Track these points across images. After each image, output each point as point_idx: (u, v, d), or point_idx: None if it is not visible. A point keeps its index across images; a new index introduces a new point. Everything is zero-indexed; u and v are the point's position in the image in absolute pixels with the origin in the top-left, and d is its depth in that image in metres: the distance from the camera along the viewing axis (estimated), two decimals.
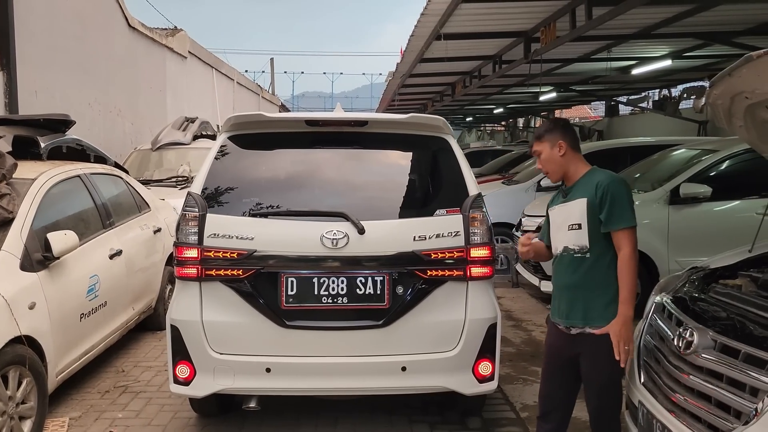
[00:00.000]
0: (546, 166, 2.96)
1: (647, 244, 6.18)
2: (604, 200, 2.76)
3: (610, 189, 2.76)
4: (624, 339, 2.71)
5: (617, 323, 2.73)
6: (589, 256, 2.82)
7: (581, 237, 2.82)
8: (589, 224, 2.80)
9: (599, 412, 2.89)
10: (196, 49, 15.99)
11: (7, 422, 3.43)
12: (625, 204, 2.77)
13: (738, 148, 6.24)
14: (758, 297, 2.65)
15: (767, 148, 3.22)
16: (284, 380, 3.42)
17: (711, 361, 2.39)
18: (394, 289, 3.41)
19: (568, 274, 2.89)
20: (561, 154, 2.91)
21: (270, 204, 3.53)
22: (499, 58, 11.66)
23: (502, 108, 24.57)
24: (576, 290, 2.86)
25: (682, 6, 8.00)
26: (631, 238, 2.77)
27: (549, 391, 3.04)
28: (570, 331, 2.89)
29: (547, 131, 2.96)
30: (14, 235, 3.86)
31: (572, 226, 2.85)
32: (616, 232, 2.77)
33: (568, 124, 3.07)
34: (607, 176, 2.83)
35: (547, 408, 3.04)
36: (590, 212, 2.79)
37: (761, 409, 2.10)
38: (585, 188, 2.84)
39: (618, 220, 2.76)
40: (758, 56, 2.40)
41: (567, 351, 2.92)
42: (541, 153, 2.96)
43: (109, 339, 4.83)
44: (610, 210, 2.75)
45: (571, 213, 2.86)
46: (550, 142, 2.92)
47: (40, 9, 8.28)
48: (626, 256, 2.75)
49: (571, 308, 2.88)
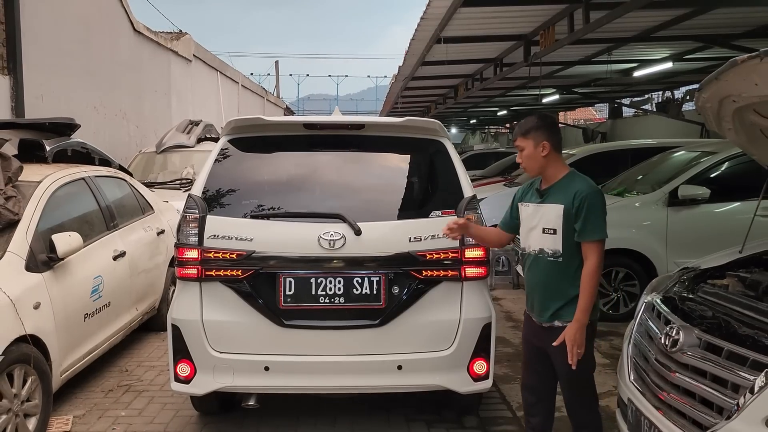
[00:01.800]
0: (526, 162, 3.03)
1: (646, 245, 6.23)
2: (580, 210, 2.85)
3: (588, 200, 2.85)
4: (577, 343, 2.83)
5: (572, 328, 2.84)
6: (561, 260, 2.94)
7: (556, 242, 2.94)
8: (563, 231, 2.91)
9: (573, 402, 3.01)
10: (200, 52, 16.11)
11: (12, 419, 3.51)
12: (600, 216, 2.87)
13: (736, 151, 6.27)
14: (743, 296, 2.71)
15: (756, 150, 3.27)
16: (282, 378, 3.50)
17: (695, 359, 2.45)
18: (390, 289, 3.48)
19: (543, 274, 3.01)
20: (543, 155, 2.97)
21: (269, 206, 3.61)
22: (500, 61, 11.73)
23: (505, 110, 24.61)
24: (548, 290, 2.99)
25: (680, 9, 8.04)
26: (599, 250, 2.87)
27: (529, 383, 3.17)
28: (543, 325, 3.02)
29: (533, 129, 2.99)
30: (20, 237, 3.95)
31: (547, 230, 2.96)
32: (586, 243, 2.87)
33: (555, 125, 3.11)
34: (586, 186, 2.91)
35: (530, 400, 3.17)
36: (566, 220, 2.89)
37: (742, 404, 2.15)
38: (563, 194, 2.92)
39: (591, 232, 2.86)
40: (742, 61, 2.45)
41: (541, 343, 3.06)
42: (524, 149, 3.01)
43: (113, 339, 4.91)
44: (585, 221, 2.85)
45: (548, 217, 2.96)
46: (535, 140, 2.97)
47: (46, 14, 8.39)
48: (592, 266, 2.85)
49: (543, 305, 3.01)
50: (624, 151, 8.89)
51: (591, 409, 3.02)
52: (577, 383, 2.96)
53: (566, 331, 2.85)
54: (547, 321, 2.99)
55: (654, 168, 7.34)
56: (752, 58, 2.35)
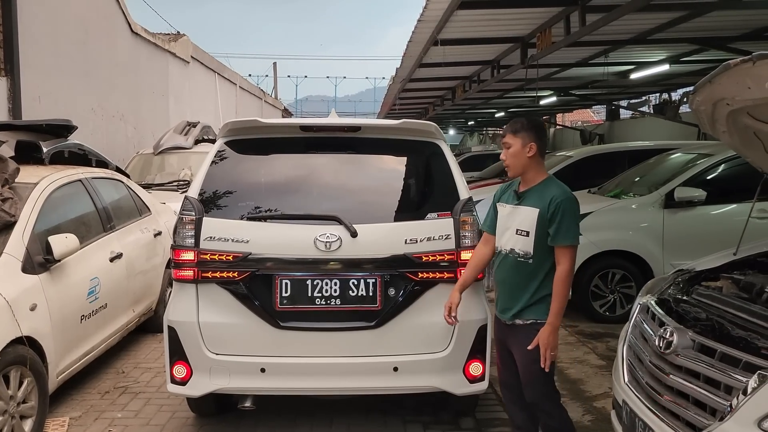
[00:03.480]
0: (511, 160, 3.07)
1: (642, 247, 6.25)
2: (555, 216, 2.92)
3: (562, 206, 2.92)
4: (551, 346, 2.91)
5: (545, 331, 2.92)
6: (532, 262, 3.00)
7: (527, 244, 3.00)
8: (536, 234, 2.97)
9: (533, 399, 3.06)
10: (198, 53, 16.12)
11: (8, 421, 3.51)
12: (573, 222, 2.95)
13: (732, 153, 6.29)
14: (737, 298, 2.72)
15: (750, 153, 3.28)
16: (278, 380, 3.50)
17: (689, 361, 2.46)
18: (386, 291, 3.49)
19: (511, 274, 3.08)
20: (529, 155, 3.02)
21: (265, 208, 3.61)
22: (497, 63, 11.76)
23: (503, 112, 24.65)
24: (515, 289, 3.06)
25: (676, 12, 8.08)
26: (571, 255, 2.95)
27: (504, 379, 3.27)
28: (506, 322, 3.10)
29: (524, 129, 3.04)
30: (16, 238, 3.95)
31: (520, 232, 3.03)
32: (559, 248, 2.94)
33: (544, 130, 3.17)
34: (562, 192, 2.97)
35: (508, 396, 3.27)
36: (540, 224, 2.96)
37: (735, 405, 2.16)
38: (539, 198, 2.99)
39: (564, 237, 2.93)
40: (735, 64, 2.47)
41: (506, 340, 3.15)
42: (511, 147, 3.05)
43: (110, 341, 4.91)
44: (559, 226, 2.92)
45: (522, 219, 3.02)
46: (523, 140, 3.02)
47: (43, 15, 8.39)
48: (564, 271, 2.93)
49: (508, 302, 3.09)
50: (621, 153, 8.91)
51: (550, 407, 3.07)
52: (537, 382, 3.02)
53: (540, 333, 2.92)
54: (509, 319, 3.08)
55: (651, 170, 7.36)
56: (745, 61, 2.37)
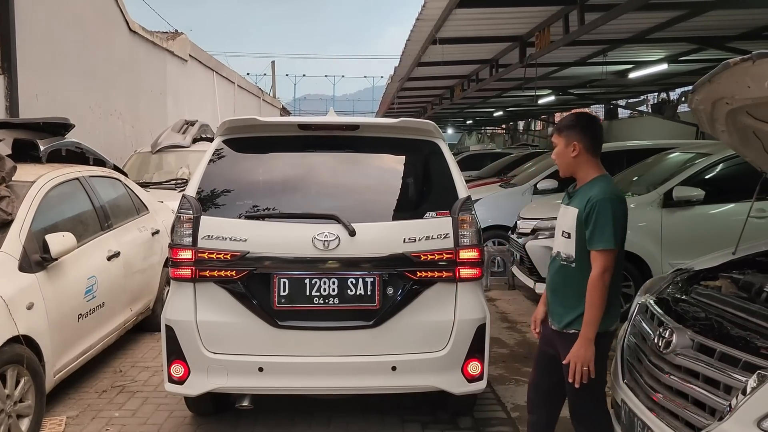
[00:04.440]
0: (557, 160, 2.97)
1: (641, 246, 6.24)
2: (590, 217, 2.76)
3: (597, 207, 2.74)
4: (582, 360, 2.73)
5: (577, 344, 2.75)
6: (574, 266, 2.85)
7: (569, 246, 2.87)
8: (577, 236, 2.83)
9: (575, 408, 2.95)
10: (196, 52, 16.09)
11: (5, 420, 3.50)
12: (606, 225, 2.72)
13: (731, 152, 6.28)
14: (736, 298, 2.72)
15: (749, 152, 3.28)
16: (276, 379, 3.49)
17: (688, 360, 2.46)
18: (384, 290, 3.48)
19: (556, 278, 2.97)
20: (573, 155, 2.87)
21: (263, 206, 3.60)
22: (496, 62, 11.75)
23: (501, 111, 24.65)
24: (558, 293, 2.94)
25: (675, 11, 8.07)
26: (602, 260, 2.73)
27: (536, 381, 3.13)
28: (552, 328, 2.98)
29: (567, 127, 2.90)
30: (13, 237, 3.93)
31: (564, 233, 2.91)
32: (592, 251, 2.77)
33: (591, 125, 2.93)
34: (601, 193, 2.78)
35: (534, 399, 3.12)
36: (579, 225, 2.81)
37: (734, 405, 2.16)
38: (582, 198, 2.84)
39: (596, 240, 2.74)
40: (735, 63, 2.46)
41: (549, 345, 3.02)
42: (556, 146, 2.94)
43: (107, 339, 4.90)
44: (593, 228, 2.75)
45: (567, 220, 2.90)
46: (567, 140, 2.88)
47: (41, 13, 8.36)
48: (594, 277, 2.74)
49: (553, 306, 2.98)
50: (619, 153, 8.91)
51: (594, 416, 2.92)
52: (581, 390, 2.82)
53: (572, 347, 2.76)
54: (554, 325, 2.94)
55: (649, 169, 7.36)
56: (745, 60, 2.36)
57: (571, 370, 2.76)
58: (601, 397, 2.93)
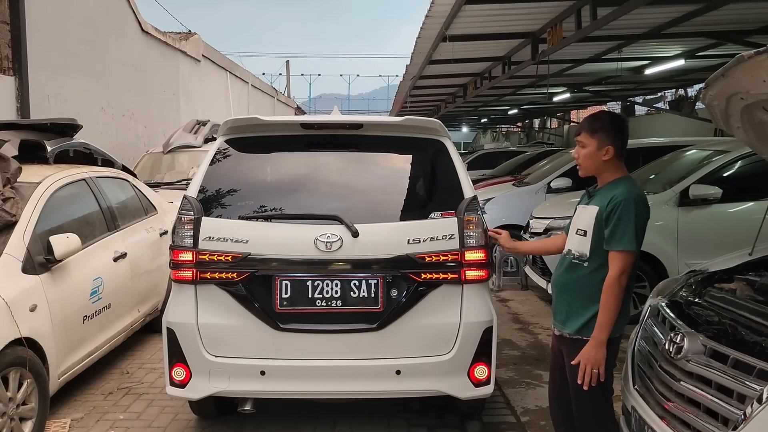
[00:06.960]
0: (584, 161, 2.84)
1: (656, 246, 6.10)
2: (611, 216, 2.67)
3: (620, 207, 2.65)
4: (592, 363, 2.66)
5: (588, 346, 2.68)
6: (586, 265, 2.77)
7: (583, 244, 2.78)
8: (593, 234, 2.74)
9: (578, 414, 2.86)
10: (209, 52, 16.12)
11: (7, 423, 3.48)
12: (629, 226, 2.64)
13: (749, 150, 6.12)
14: (752, 301, 2.60)
15: (765, 149, 3.16)
16: (278, 383, 3.43)
17: (700, 367, 2.35)
18: (388, 292, 3.40)
19: (564, 275, 2.89)
20: (605, 158, 2.78)
21: (265, 207, 3.54)
22: (508, 59, 11.62)
23: (516, 109, 24.45)
24: (565, 293, 2.86)
25: (690, 5, 7.91)
26: (621, 262, 2.65)
27: (554, 393, 3.04)
28: (555, 332, 2.91)
29: (603, 129, 2.78)
30: (17, 239, 3.92)
31: (579, 231, 2.82)
32: (611, 252, 2.69)
33: (624, 128, 2.85)
34: (624, 193, 2.70)
35: (556, 412, 3.04)
36: (597, 223, 2.73)
37: (749, 415, 2.06)
38: (603, 197, 2.76)
39: (616, 241, 2.66)
40: (749, 56, 2.35)
41: (557, 351, 2.94)
42: (586, 147, 2.81)
43: (114, 341, 4.88)
44: (613, 228, 2.66)
45: (584, 218, 2.81)
46: (600, 142, 2.77)
47: (52, 14, 8.40)
48: (611, 278, 2.65)
49: (557, 308, 2.89)
50: (635, 150, 8.75)
51: (597, 425, 2.83)
52: (584, 396, 2.75)
53: (583, 348, 2.69)
54: (558, 327, 2.87)
55: (665, 167, 7.22)
56: (759, 53, 2.26)
57: (580, 372, 2.68)
58: (607, 407, 2.84)
